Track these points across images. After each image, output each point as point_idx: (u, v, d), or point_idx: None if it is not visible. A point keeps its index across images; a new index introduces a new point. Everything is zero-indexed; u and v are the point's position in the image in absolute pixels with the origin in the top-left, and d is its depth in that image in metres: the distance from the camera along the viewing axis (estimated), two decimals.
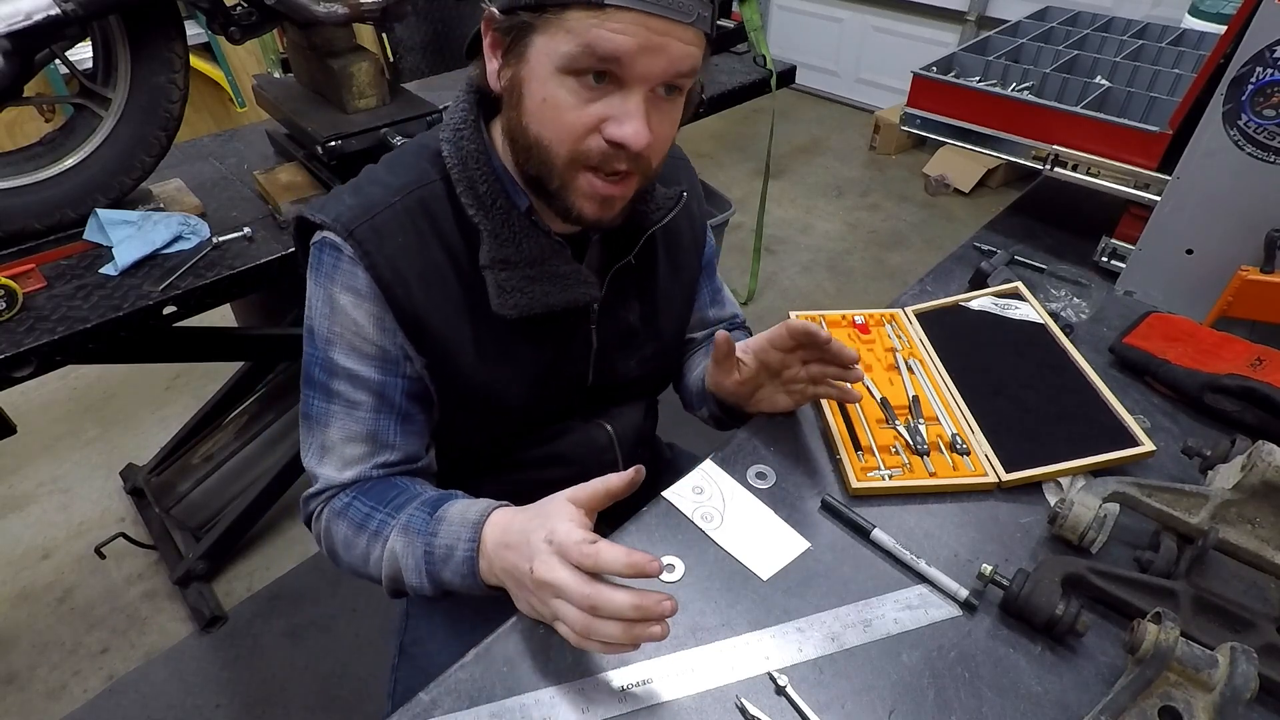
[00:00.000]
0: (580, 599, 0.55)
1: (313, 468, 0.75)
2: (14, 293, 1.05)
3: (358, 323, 0.70)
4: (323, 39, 1.38)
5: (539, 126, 0.64)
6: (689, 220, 0.88)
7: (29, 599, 1.72)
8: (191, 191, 1.34)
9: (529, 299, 0.71)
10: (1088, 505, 0.69)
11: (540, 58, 0.61)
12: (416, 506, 0.70)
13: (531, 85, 0.63)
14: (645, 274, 0.84)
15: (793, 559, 0.71)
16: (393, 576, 0.70)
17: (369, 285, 0.69)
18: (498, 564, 0.63)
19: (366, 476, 0.74)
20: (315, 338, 0.72)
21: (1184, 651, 0.56)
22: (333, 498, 0.74)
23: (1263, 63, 0.86)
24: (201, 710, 1.51)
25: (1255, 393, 0.83)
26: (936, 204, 3.35)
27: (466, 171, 0.70)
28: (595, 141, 0.63)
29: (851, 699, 0.61)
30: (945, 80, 1.19)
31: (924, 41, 3.77)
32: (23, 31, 1.03)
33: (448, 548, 0.66)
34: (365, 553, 0.71)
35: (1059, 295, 1.07)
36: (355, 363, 0.71)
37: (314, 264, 0.71)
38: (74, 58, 1.19)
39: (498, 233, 0.70)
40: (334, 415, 0.73)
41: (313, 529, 0.77)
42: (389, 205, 0.70)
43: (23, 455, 2.06)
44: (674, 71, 0.62)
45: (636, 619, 0.55)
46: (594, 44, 0.58)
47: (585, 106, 0.62)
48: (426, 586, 0.67)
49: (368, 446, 0.74)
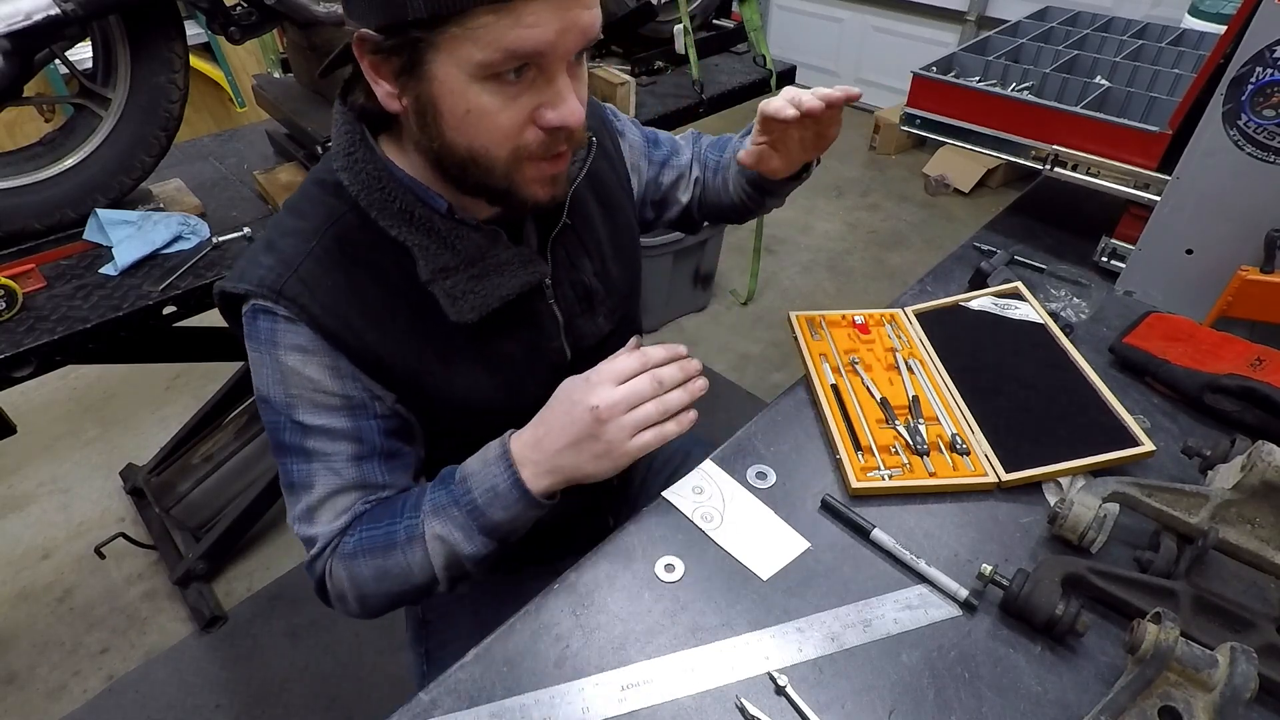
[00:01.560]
0: (650, 383, 0.66)
1: (305, 532, 0.72)
2: (14, 293, 1.05)
3: (313, 379, 0.67)
4: (323, 39, 1.38)
5: (470, 138, 0.61)
6: (608, 161, 0.86)
7: (29, 599, 1.73)
8: (191, 191, 1.34)
9: (482, 298, 0.69)
10: (1088, 505, 0.69)
11: (448, 72, 0.57)
12: (430, 492, 0.70)
13: (446, 101, 0.59)
14: (585, 229, 0.82)
15: (793, 559, 0.71)
16: (447, 563, 0.69)
17: (312, 339, 0.66)
18: (546, 450, 0.66)
19: (360, 512, 0.72)
20: (273, 406, 0.69)
21: (1184, 651, 0.56)
22: (336, 548, 0.72)
23: (1263, 63, 0.86)
24: (201, 710, 1.51)
25: (1255, 393, 0.83)
26: (936, 204, 3.35)
27: (373, 194, 0.66)
28: (532, 134, 0.61)
29: (851, 699, 0.61)
30: (945, 80, 1.19)
31: (924, 41, 3.77)
32: (23, 31, 1.03)
33: (489, 490, 0.66)
34: (406, 565, 0.69)
35: (1059, 295, 1.07)
36: (324, 418, 0.69)
37: (250, 334, 0.68)
38: (74, 58, 1.19)
39: (426, 245, 0.68)
40: (316, 474, 0.70)
41: (331, 591, 0.73)
42: (308, 253, 0.67)
43: (23, 455, 2.06)
44: (588, 38, 0.59)
45: (684, 378, 0.68)
46: (513, 48, 0.55)
47: (513, 103, 0.59)
48: (482, 544, 0.68)
49: (358, 493, 0.72)
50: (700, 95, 1.81)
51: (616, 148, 0.90)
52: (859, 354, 0.94)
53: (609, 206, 0.86)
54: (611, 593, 0.68)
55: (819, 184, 3.51)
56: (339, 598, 0.73)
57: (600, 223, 0.84)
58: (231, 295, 0.68)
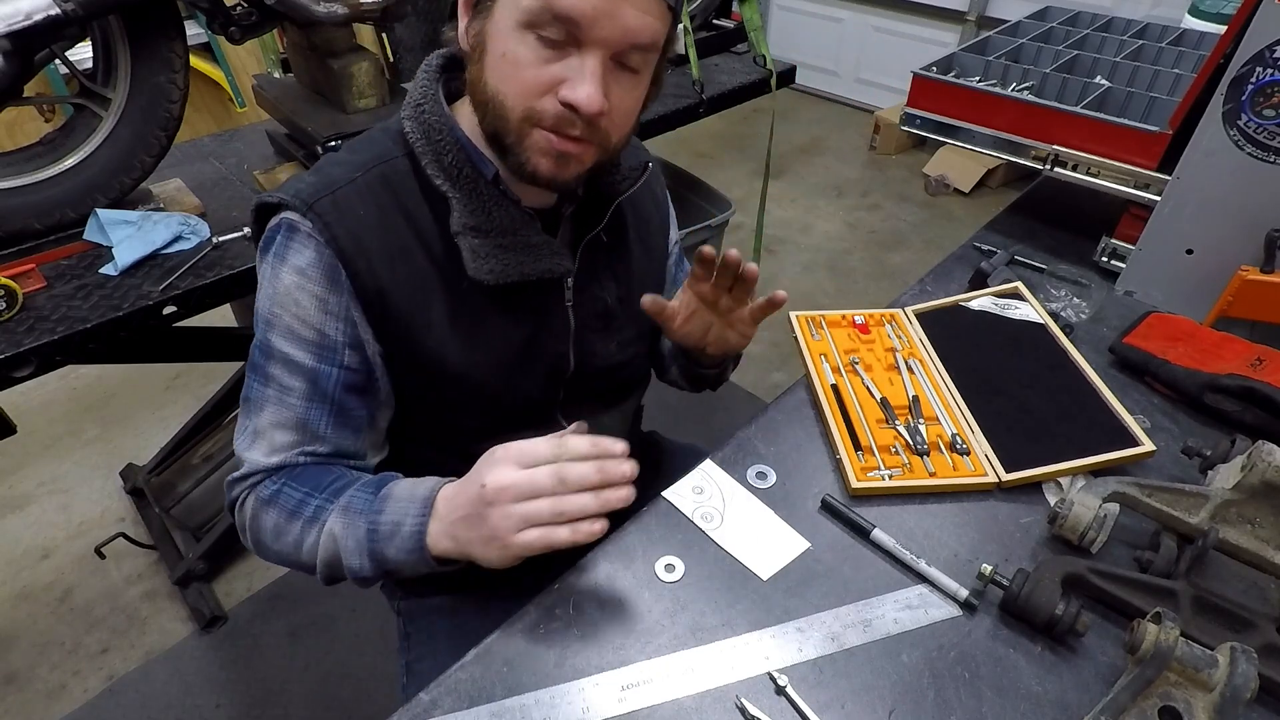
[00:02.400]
0: (547, 477, 0.59)
1: (242, 451, 0.73)
2: (14, 293, 1.05)
3: (299, 303, 0.68)
4: (323, 39, 1.38)
5: (497, 81, 0.64)
6: (654, 202, 0.89)
7: (29, 599, 1.72)
8: (191, 191, 1.34)
9: (503, 265, 0.70)
10: (1088, 505, 0.69)
11: (504, 12, 0.62)
12: (358, 488, 0.69)
13: (494, 40, 0.63)
14: (618, 251, 0.83)
15: (793, 559, 0.71)
16: (329, 561, 0.68)
17: (318, 264, 0.67)
18: (451, 515, 0.63)
19: (292, 463, 0.72)
20: (258, 320, 0.71)
21: (1184, 651, 0.56)
22: (258, 484, 0.72)
23: (1263, 63, 0.86)
24: (201, 710, 1.51)
25: (1255, 393, 0.83)
26: (936, 204, 3.35)
27: (431, 143, 0.69)
28: (549, 103, 0.62)
29: (851, 699, 0.61)
30: (945, 80, 1.19)
31: (924, 41, 3.77)
32: (23, 31, 1.03)
33: (394, 524, 0.65)
34: (298, 539, 0.69)
35: (1059, 295, 1.07)
36: (291, 346, 0.69)
37: (264, 245, 0.70)
38: (74, 58, 1.19)
39: (467, 201, 0.69)
40: (268, 400, 0.71)
41: (236, 517, 0.74)
42: (350, 180, 0.69)
43: (23, 455, 2.06)
44: (631, 40, 0.61)
45: (601, 483, 0.59)
46: (555, 5, 0.58)
47: (543, 66, 0.61)
48: (367, 567, 0.66)
49: (296, 435, 0.72)
50: (700, 95, 1.81)
51: (664, 197, 0.93)
52: (859, 354, 0.94)
53: (646, 243, 0.87)
54: (611, 593, 0.68)
55: (819, 184, 3.51)
56: (241, 528, 0.74)
57: (635, 253, 0.85)
58: (265, 206, 0.71)
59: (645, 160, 0.81)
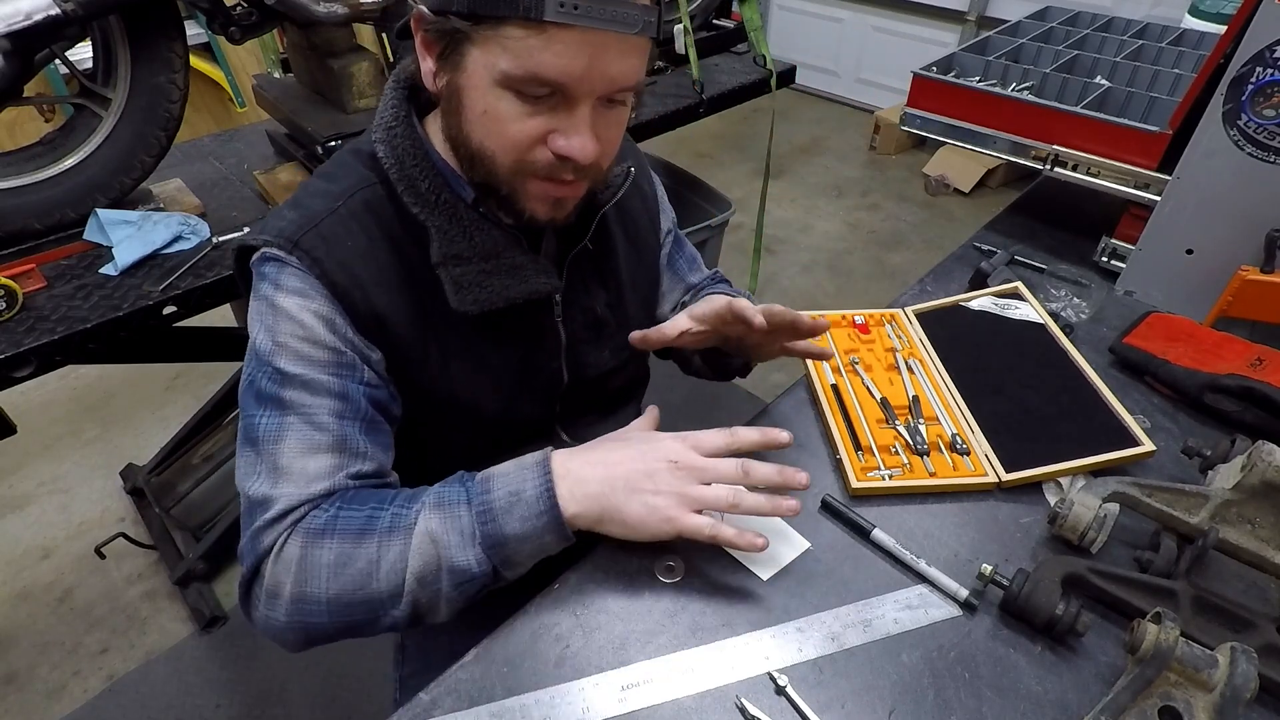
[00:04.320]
0: (733, 470, 0.63)
1: (265, 491, 0.61)
2: (14, 293, 1.05)
3: (306, 325, 0.63)
4: (323, 39, 1.38)
5: (482, 136, 0.62)
6: (641, 199, 0.86)
7: (29, 599, 1.73)
8: (191, 191, 1.34)
9: (488, 293, 0.68)
10: (1088, 505, 0.69)
11: (478, 69, 0.58)
12: (441, 486, 0.63)
13: (470, 95, 0.60)
14: (605, 259, 0.81)
15: (793, 559, 0.71)
16: (423, 573, 0.59)
17: (316, 287, 0.64)
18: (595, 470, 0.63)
19: (343, 487, 0.63)
20: (258, 353, 0.64)
21: (1184, 651, 0.56)
22: (302, 518, 0.61)
23: (1263, 63, 0.86)
24: (201, 710, 1.51)
25: (1255, 393, 0.83)
26: (936, 204, 3.35)
27: (405, 170, 0.67)
28: (541, 154, 0.61)
29: (851, 699, 0.61)
30: (945, 80, 1.19)
31: (924, 41, 3.77)
32: (23, 31, 1.03)
33: (511, 495, 0.60)
34: (373, 561, 0.59)
35: (1059, 295, 1.07)
36: (306, 368, 0.63)
37: (255, 282, 0.65)
38: (74, 58, 1.19)
39: (446, 229, 0.67)
40: (289, 427, 0.62)
41: (265, 581, 0.60)
42: (332, 211, 0.66)
43: (23, 455, 2.06)
44: (618, 87, 0.60)
45: (781, 484, 0.64)
46: (537, 71, 0.56)
47: (528, 119, 0.59)
48: (477, 560, 0.59)
49: (336, 457, 0.63)
50: (700, 95, 1.81)
51: (653, 191, 0.90)
52: (859, 354, 0.94)
53: (635, 243, 0.85)
54: (611, 593, 0.68)
55: (819, 184, 3.51)
56: (271, 592, 0.60)
57: (623, 257, 0.83)
58: (247, 249, 0.67)
59: (627, 165, 0.79)
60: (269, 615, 0.61)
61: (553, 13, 0.53)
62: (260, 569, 0.61)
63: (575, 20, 0.53)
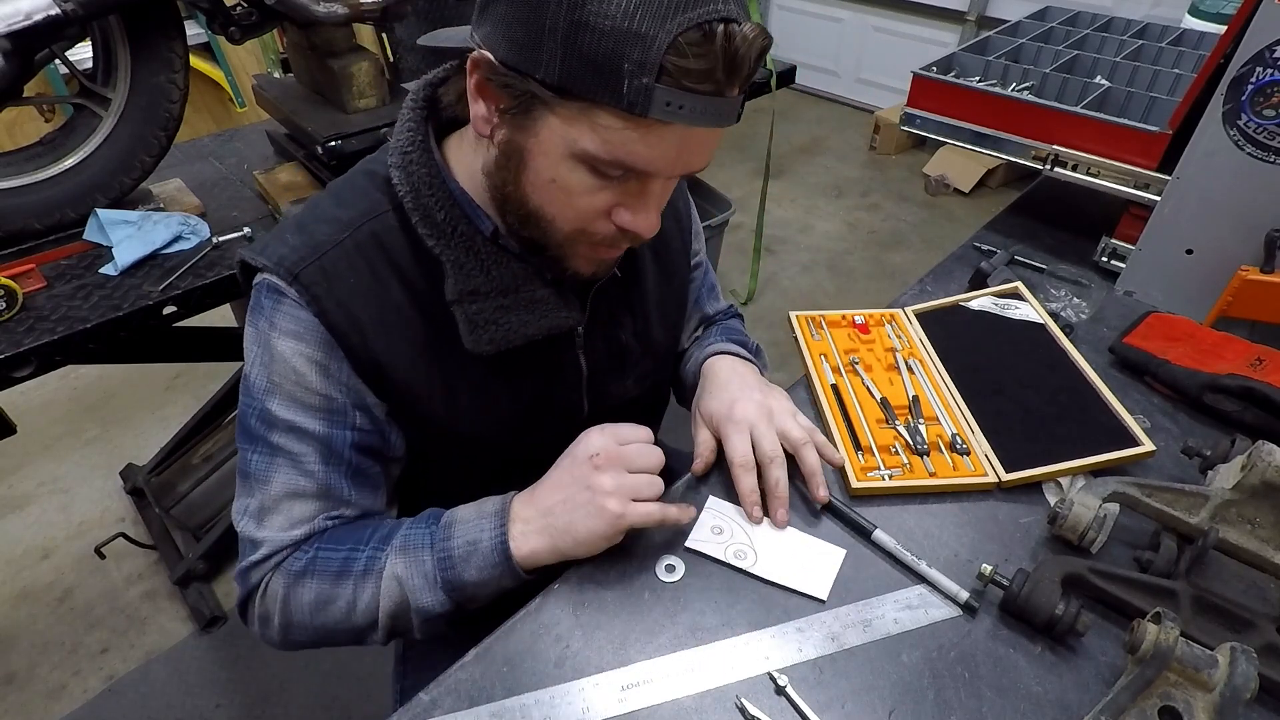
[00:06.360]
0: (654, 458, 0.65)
1: (250, 533, 0.66)
2: (14, 293, 1.05)
3: (298, 371, 0.63)
4: (323, 39, 1.38)
5: (542, 202, 0.59)
6: (675, 220, 0.84)
7: (29, 599, 1.73)
8: (191, 191, 1.34)
9: (504, 331, 0.65)
10: (1088, 505, 0.69)
11: (554, 139, 0.55)
12: (410, 527, 0.65)
13: (538, 160, 0.57)
14: (633, 286, 0.78)
15: (838, 570, 0.70)
16: (393, 612, 0.63)
17: (313, 329, 0.63)
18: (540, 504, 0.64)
19: (320, 529, 0.66)
20: (252, 388, 0.65)
21: (1184, 651, 0.56)
22: (283, 561, 0.65)
23: (1263, 63, 0.86)
24: (201, 710, 1.51)
25: (1255, 393, 0.83)
26: (936, 204, 3.35)
27: (420, 200, 0.63)
28: (604, 225, 0.60)
29: (851, 699, 0.61)
30: (945, 80, 1.19)
31: (924, 41, 3.77)
32: (23, 31, 1.03)
33: (468, 544, 0.62)
34: (350, 601, 0.63)
35: (1059, 295, 1.07)
36: (296, 414, 0.64)
37: (253, 306, 0.65)
38: (74, 58, 1.19)
39: (462, 263, 0.64)
40: (276, 471, 0.65)
41: (255, 608, 0.67)
42: (337, 243, 0.64)
43: (23, 455, 2.06)
44: (692, 170, 0.59)
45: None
46: (624, 159, 0.54)
47: (598, 193, 0.58)
48: (440, 602, 0.63)
49: (319, 503, 0.66)
50: None
51: (687, 210, 0.87)
52: (859, 354, 0.94)
53: (665, 268, 0.82)
54: (611, 593, 0.68)
55: (819, 184, 3.51)
56: (263, 618, 0.67)
57: (653, 283, 0.80)
58: (250, 266, 0.66)
59: None
60: (264, 633, 0.68)
61: (659, 111, 0.50)
62: (251, 599, 0.68)
63: (678, 119, 0.51)
